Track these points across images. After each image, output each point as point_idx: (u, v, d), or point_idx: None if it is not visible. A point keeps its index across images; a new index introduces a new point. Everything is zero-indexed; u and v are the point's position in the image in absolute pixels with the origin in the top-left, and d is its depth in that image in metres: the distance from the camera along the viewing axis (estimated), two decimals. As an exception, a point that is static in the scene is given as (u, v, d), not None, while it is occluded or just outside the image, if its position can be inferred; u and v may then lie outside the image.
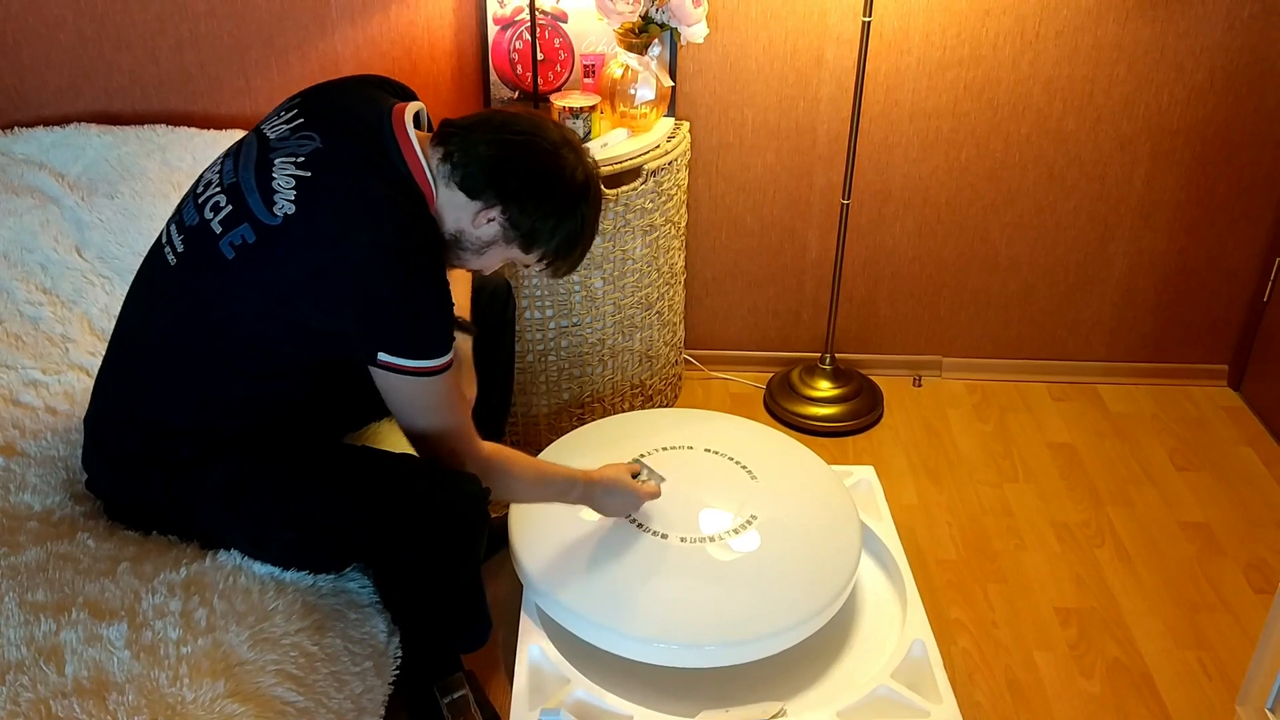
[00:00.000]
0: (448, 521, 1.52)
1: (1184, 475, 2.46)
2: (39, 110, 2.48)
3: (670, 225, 2.39)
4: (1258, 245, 2.63)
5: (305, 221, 1.43)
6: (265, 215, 1.44)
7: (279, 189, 1.45)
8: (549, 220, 1.51)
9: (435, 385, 1.50)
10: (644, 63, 2.26)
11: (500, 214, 1.50)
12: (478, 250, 1.55)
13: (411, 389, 1.50)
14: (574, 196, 1.52)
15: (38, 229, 2.15)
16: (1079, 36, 2.41)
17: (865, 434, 2.60)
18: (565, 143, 1.53)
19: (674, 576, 1.74)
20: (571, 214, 1.53)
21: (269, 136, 1.52)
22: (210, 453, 1.52)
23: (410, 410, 1.54)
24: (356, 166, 1.47)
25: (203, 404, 1.52)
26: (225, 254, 1.46)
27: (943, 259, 2.68)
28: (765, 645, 1.68)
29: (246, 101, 2.49)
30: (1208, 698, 1.90)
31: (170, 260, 1.53)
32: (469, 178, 1.48)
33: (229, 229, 1.46)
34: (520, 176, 1.49)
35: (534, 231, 1.52)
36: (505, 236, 1.53)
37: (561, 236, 1.54)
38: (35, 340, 1.94)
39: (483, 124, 1.52)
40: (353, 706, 1.48)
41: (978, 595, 2.11)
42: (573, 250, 1.57)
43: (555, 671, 1.69)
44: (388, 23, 2.41)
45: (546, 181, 1.50)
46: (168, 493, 1.54)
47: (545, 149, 1.50)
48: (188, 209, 1.54)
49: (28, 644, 1.32)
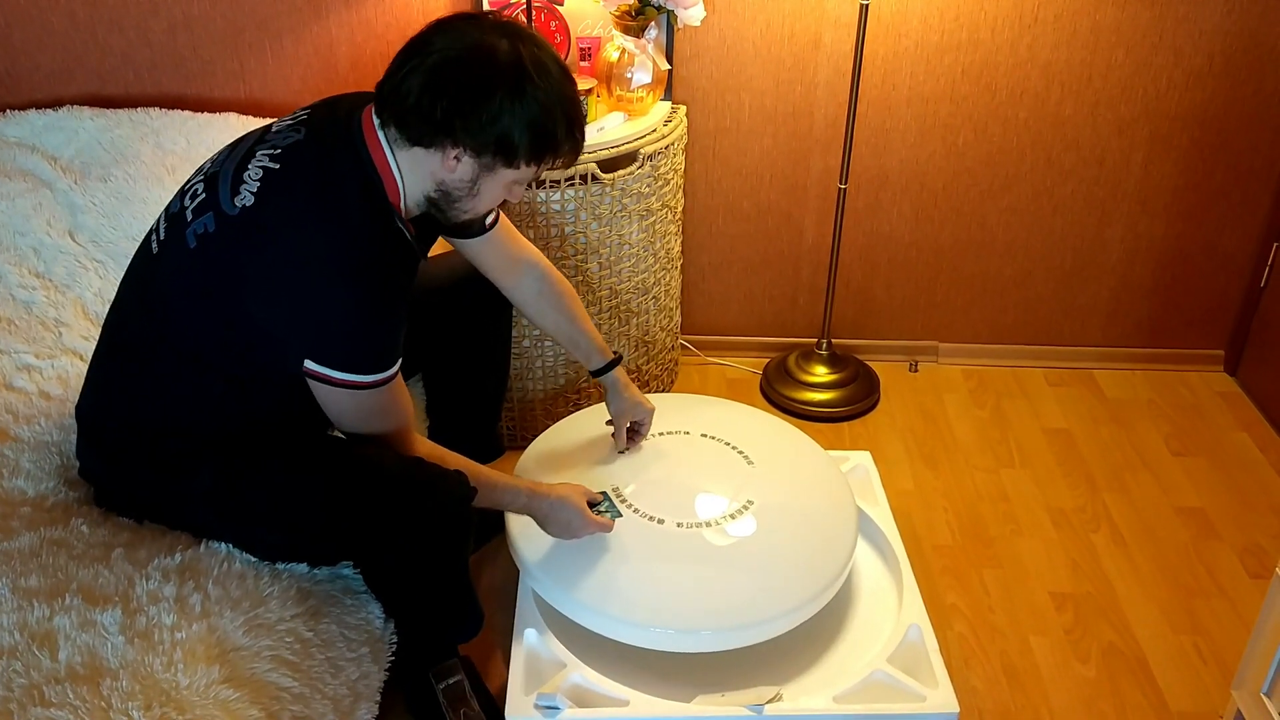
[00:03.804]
0: (434, 525, 1.51)
1: (1180, 460, 2.46)
2: (31, 93, 2.47)
3: (666, 210, 2.38)
4: (1255, 230, 2.62)
5: (259, 216, 1.40)
6: (227, 205, 1.42)
7: (247, 180, 1.42)
8: (500, 120, 1.37)
9: (367, 398, 1.45)
10: (640, 46, 2.25)
11: (458, 149, 1.39)
12: (469, 192, 1.45)
13: (340, 400, 1.46)
14: (513, 81, 1.36)
15: (30, 212, 2.14)
16: (1077, 20, 2.39)
17: (861, 419, 2.60)
18: (486, 30, 1.39)
19: (670, 562, 1.74)
20: (520, 100, 1.36)
21: (270, 129, 1.51)
22: (196, 451, 1.50)
23: (340, 419, 1.51)
24: (321, 164, 1.42)
25: (185, 400, 1.50)
26: (189, 242, 1.44)
27: (940, 244, 2.68)
28: (761, 630, 1.68)
29: (240, 85, 2.47)
30: (1203, 682, 1.91)
31: (154, 248, 1.52)
32: (413, 131, 1.39)
33: (197, 217, 1.45)
34: (447, 100, 1.36)
35: (499, 142, 1.38)
36: (481, 164, 1.41)
37: (527, 129, 1.38)
38: (28, 325, 1.93)
39: (399, 64, 1.39)
40: (348, 692, 1.48)
41: (974, 580, 2.11)
42: (549, 136, 1.41)
43: (551, 656, 1.69)
44: (382, 5, 2.39)
45: (478, 89, 1.36)
46: (155, 490, 1.53)
47: (462, 53, 1.37)
48: (175, 198, 1.53)
49: (21, 629, 1.31)
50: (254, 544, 1.52)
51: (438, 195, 1.46)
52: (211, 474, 1.49)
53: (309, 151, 1.44)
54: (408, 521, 1.48)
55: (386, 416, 1.50)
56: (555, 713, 1.59)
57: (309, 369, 1.42)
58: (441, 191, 1.46)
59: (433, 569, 1.57)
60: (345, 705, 1.46)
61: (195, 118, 2.37)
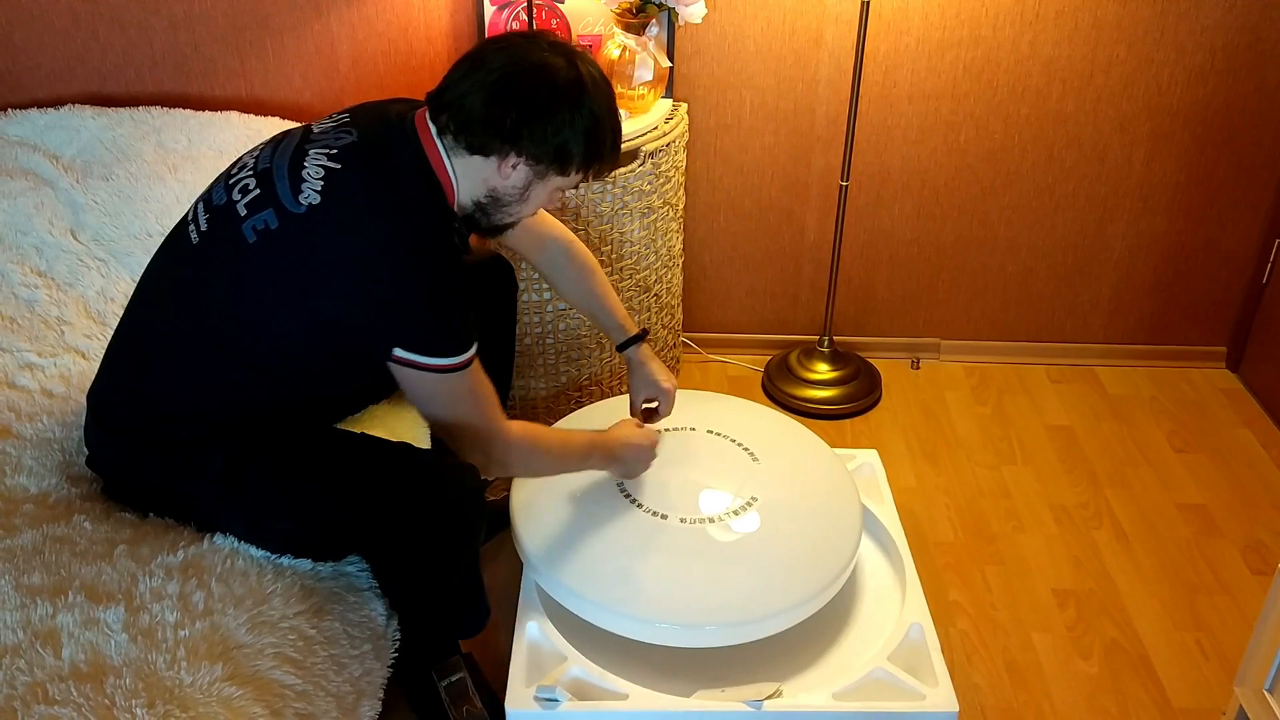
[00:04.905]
0: (446, 515, 1.52)
1: (1182, 457, 2.46)
2: (32, 92, 2.47)
3: (668, 207, 2.38)
4: (1257, 227, 2.62)
5: (329, 213, 1.43)
6: (290, 203, 1.44)
7: (307, 179, 1.45)
8: (563, 133, 1.47)
9: (455, 381, 1.50)
10: (641, 43, 2.25)
11: (518, 156, 1.48)
12: (520, 198, 1.54)
13: (430, 385, 1.50)
14: (573, 96, 1.47)
15: (32, 211, 2.14)
16: (1079, 16, 2.39)
17: (863, 417, 2.60)
18: (543, 49, 1.48)
19: (673, 557, 1.74)
20: (579, 112, 1.47)
21: (313, 130, 1.54)
22: (208, 437, 1.51)
23: (430, 405, 1.55)
24: (384, 163, 1.48)
25: (204, 386, 1.51)
26: (247, 237, 1.46)
27: (941, 241, 2.68)
28: (763, 626, 1.68)
29: (241, 83, 2.47)
30: (1205, 679, 1.91)
31: (193, 238, 1.53)
32: (477, 139, 1.47)
33: (254, 213, 1.46)
34: (516, 111, 1.45)
35: (558, 151, 1.49)
36: (536, 172, 1.51)
37: (583, 140, 1.49)
38: (31, 323, 1.93)
39: (461, 78, 1.48)
40: (351, 689, 1.48)
41: (976, 577, 2.11)
42: (601, 146, 1.52)
43: (553, 649, 1.69)
44: (383, 3, 2.39)
45: (541, 100, 1.46)
46: (164, 475, 1.53)
47: (525, 70, 1.46)
48: (217, 190, 1.54)
49: (24, 627, 1.31)
50: (263, 533, 1.52)
51: (487, 200, 1.54)
52: (223, 461, 1.50)
53: (368, 151, 1.48)
54: (419, 512, 1.49)
55: (475, 398, 1.54)
56: (555, 705, 1.60)
57: (399, 357, 1.46)
58: (492, 197, 1.53)
59: (444, 559, 1.57)
60: (348, 702, 1.46)
61: (197, 116, 2.37)
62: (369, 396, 1.80)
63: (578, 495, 1.85)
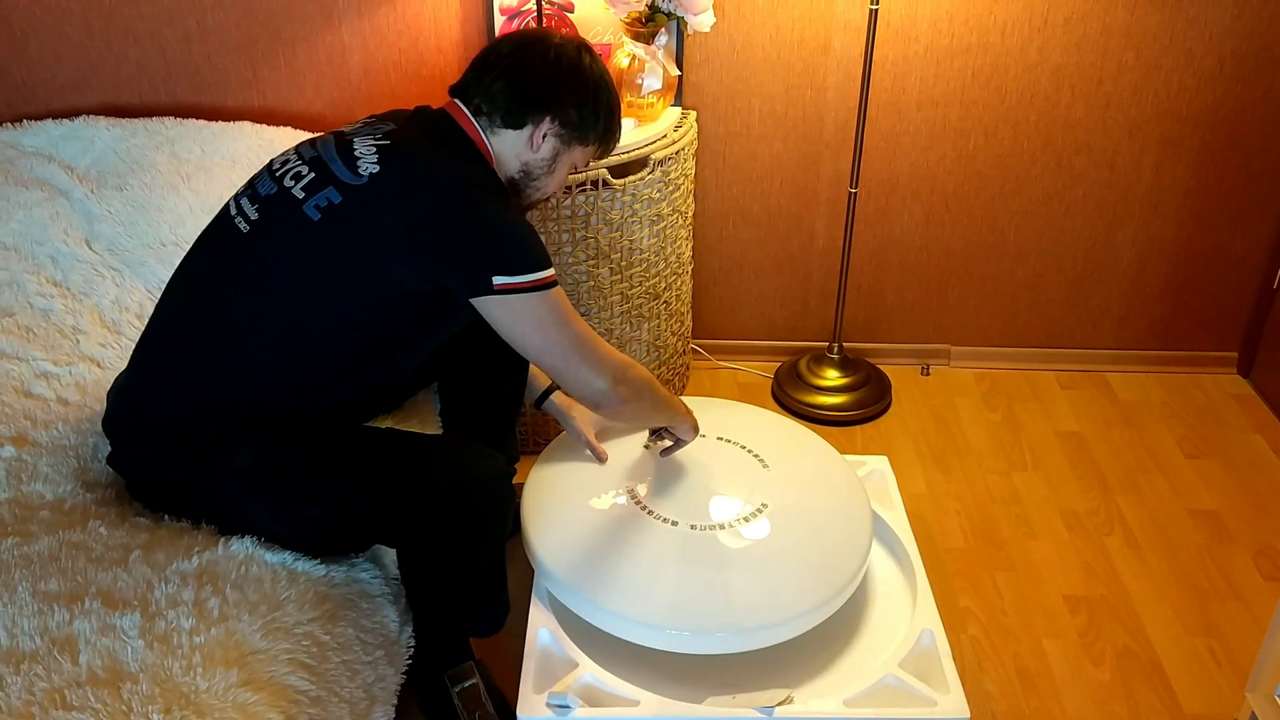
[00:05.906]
0: (474, 499, 1.54)
1: (1193, 463, 2.45)
2: (47, 103, 2.49)
3: (677, 215, 2.39)
4: (1267, 232, 2.62)
5: (390, 176, 1.50)
6: (350, 177, 1.50)
7: (361, 156, 1.52)
8: (588, 103, 1.62)
9: (552, 299, 1.53)
10: (651, 52, 2.26)
11: (550, 123, 1.60)
12: (548, 170, 1.65)
13: (530, 309, 1.52)
14: (593, 75, 1.63)
15: (48, 221, 2.16)
16: (1087, 23, 2.40)
17: (873, 423, 2.60)
18: (548, 33, 1.65)
19: (684, 563, 1.75)
20: (600, 85, 1.64)
21: (345, 131, 1.60)
22: (234, 435, 1.53)
23: (535, 333, 1.55)
24: (430, 139, 1.57)
25: (241, 381, 1.53)
26: (310, 216, 1.49)
27: (950, 247, 2.68)
28: (774, 633, 1.69)
29: (254, 93, 2.49)
30: (1217, 685, 1.90)
31: (242, 228, 1.55)
32: (507, 113, 1.59)
33: (313, 193, 1.51)
34: (541, 80, 1.60)
35: (583, 120, 1.63)
36: (564, 140, 1.63)
37: (605, 112, 1.65)
38: (46, 332, 1.95)
39: (483, 67, 1.62)
40: (365, 695, 1.49)
41: (987, 584, 2.11)
42: (614, 120, 1.69)
43: (564, 655, 1.70)
44: (394, 13, 2.41)
45: (562, 69, 1.60)
46: (191, 470, 1.55)
47: (542, 49, 1.61)
48: (262, 183, 1.57)
49: (42, 634, 1.32)
50: (289, 520, 1.54)
51: (520, 175, 1.65)
52: (249, 454, 1.52)
53: (415, 132, 1.58)
54: (448, 494, 1.52)
55: (575, 317, 1.57)
56: (566, 712, 1.60)
57: (500, 285, 1.49)
58: (524, 172, 1.65)
59: (471, 546, 1.59)
60: (361, 708, 1.47)
61: (210, 126, 2.39)
62: (381, 404, 1.81)
63: (588, 502, 1.86)
